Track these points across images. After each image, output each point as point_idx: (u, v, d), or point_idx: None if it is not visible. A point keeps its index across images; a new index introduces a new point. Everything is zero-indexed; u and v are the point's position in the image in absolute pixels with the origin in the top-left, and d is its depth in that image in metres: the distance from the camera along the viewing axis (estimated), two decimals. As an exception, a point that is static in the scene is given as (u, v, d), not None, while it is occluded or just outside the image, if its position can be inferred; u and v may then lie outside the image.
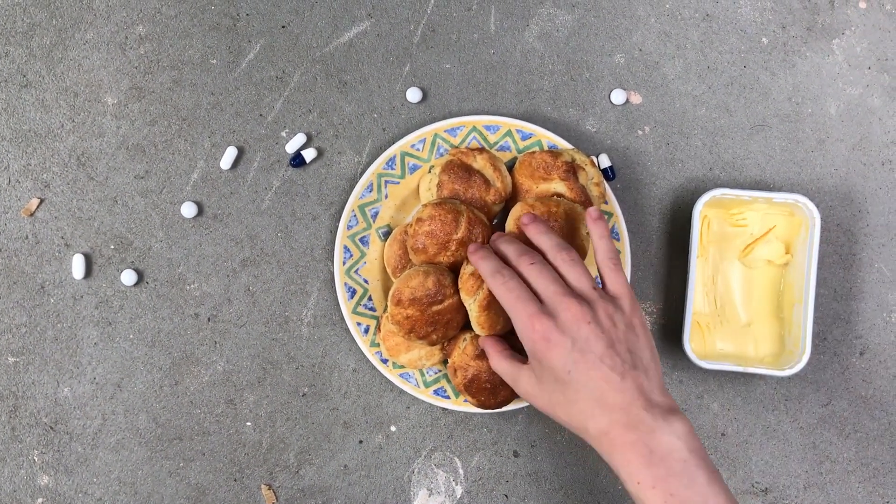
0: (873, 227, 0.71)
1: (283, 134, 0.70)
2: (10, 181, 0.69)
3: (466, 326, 0.66)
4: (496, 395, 0.64)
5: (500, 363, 0.58)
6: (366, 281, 0.68)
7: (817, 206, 0.69)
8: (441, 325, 0.62)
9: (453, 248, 0.62)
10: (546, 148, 0.68)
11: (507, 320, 0.61)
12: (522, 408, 0.69)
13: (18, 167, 0.70)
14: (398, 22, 0.71)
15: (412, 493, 0.69)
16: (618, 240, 0.68)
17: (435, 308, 0.61)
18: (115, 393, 0.69)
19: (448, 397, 0.67)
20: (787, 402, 0.70)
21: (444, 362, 0.67)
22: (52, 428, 0.69)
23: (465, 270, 0.60)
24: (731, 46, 0.71)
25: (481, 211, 0.65)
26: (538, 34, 0.71)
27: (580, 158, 0.66)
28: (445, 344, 0.65)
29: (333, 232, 0.70)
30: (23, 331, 0.69)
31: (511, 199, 0.67)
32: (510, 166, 0.68)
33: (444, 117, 0.71)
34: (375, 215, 0.68)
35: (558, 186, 0.64)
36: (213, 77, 0.70)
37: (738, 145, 0.71)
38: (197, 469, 0.69)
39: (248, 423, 0.69)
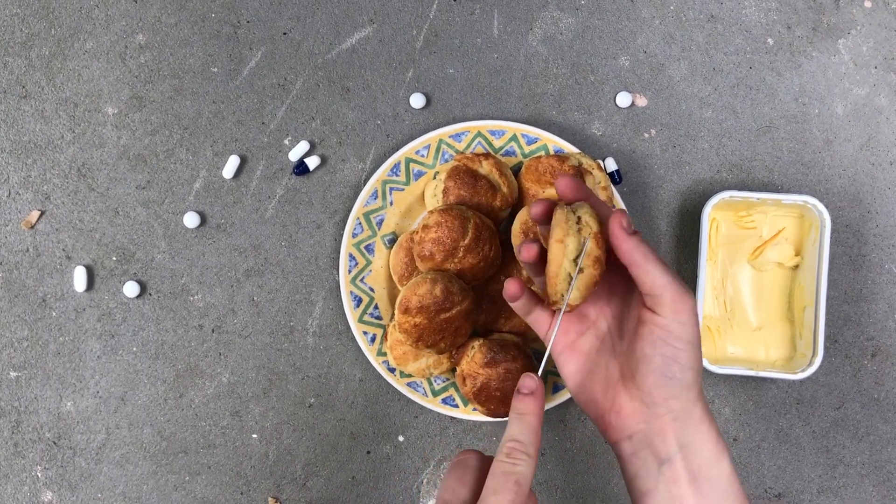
0: (883, 228, 0.70)
1: (286, 142, 0.70)
2: (10, 193, 0.69)
3: (475, 334, 0.65)
4: (506, 402, 0.63)
5: None
6: (372, 289, 0.67)
7: (826, 208, 0.68)
8: (449, 332, 0.61)
9: (460, 254, 0.61)
10: (552, 152, 0.67)
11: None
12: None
13: (18, 179, 0.69)
14: (400, 27, 0.70)
15: (422, 503, 0.69)
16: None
17: (443, 315, 0.60)
18: (119, 406, 0.68)
19: (457, 406, 0.67)
20: (799, 406, 0.69)
21: (453, 371, 0.67)
22: (55, 443, 0.68)
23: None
24: (737, 48, 0.71)
25: (488, 216, 0.64)
26: (542, 38, 0.71)
27: (587, 162, 0.65)
28: (454, 352, 0.65)
29: (338, 240, 0.69)
30: (24, 345, 0.68)
31: (518, 204, 0.67)
32: (516, 171, 0.68)
33: (449, 123, 0.70)
34: (380, 223, 0.67)
35: (565, 191, 0.64)
36: (215, 85, 0.70)
37: (745, 147, 0.70)
38: (203, 482, 0.68)
39: (255, 436, 0.68)
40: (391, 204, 0.67)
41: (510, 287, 0.51)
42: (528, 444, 0.44)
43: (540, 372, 0.47)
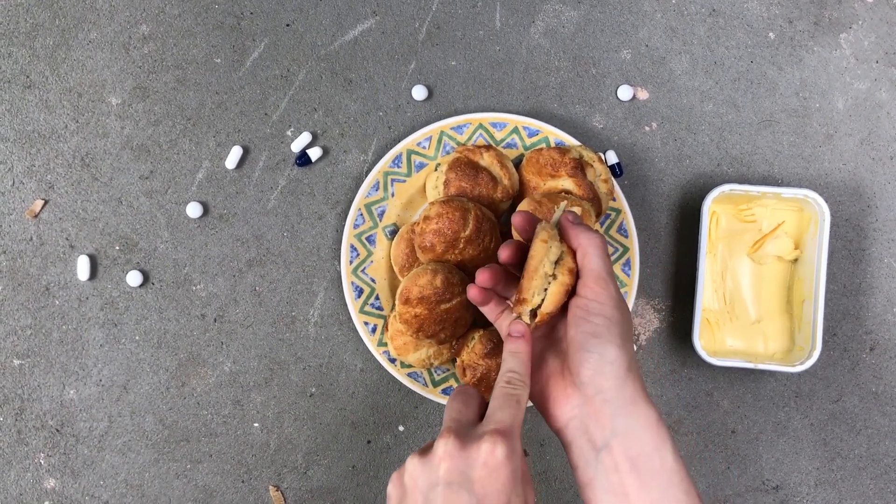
0: (882, 222, 0.70)
1: (289, 133, 0.70)
2: (13, 183, 0.69)
3: (475, 325, 0.65)
4: (505, 393, 0.63)
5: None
6: (373, 280, 0.68)
7: (826, 202, 0.69)
8: (450, 323, 0.62)
9: (461, 245, 0.61)
10: (553, 145, 0.68)
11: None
12: (531, 407, 0.69)
13: (22, 168, 0.69)
14: (403, 19, 0.71)
15: (421, 493, 0.69)
16: (626, 237, 0.67)
17: (443, 306, 0.61)
18: (122, 395, 0.69)
19: (457, 396, 0.67)
20: (797, 399, 0.70)
21: (453, 361, 0.67)
22: (58, 430, 0.68)
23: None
24: (738, 41, 0.71)
25: (489, 208, 0.65)
26: (544, 30, 0.71)
27: (588, 155, 0.65)
28: (454, 343, 0.65)
29: (340, 231, 0.70)
30: (28, 333, 0.69)
31: (518, 196, 0.67)
32: (517, 163, 0.68)
33: (450, 115, 0.70)
34: (382, 214, 0.68)
35: (566, 183, 0.64)
36: (218, 76, 0.70)
37: (745, 141, 0.71)
38: (204, 471, 0.69)
39: (256, 424, 0.69)
40: (392, 195, 0.68)
41: (472, 292, 0.53)
42: (523, 373, 0.48)
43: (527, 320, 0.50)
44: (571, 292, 0.49)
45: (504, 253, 0.52)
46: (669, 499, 0.45)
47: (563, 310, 0.51)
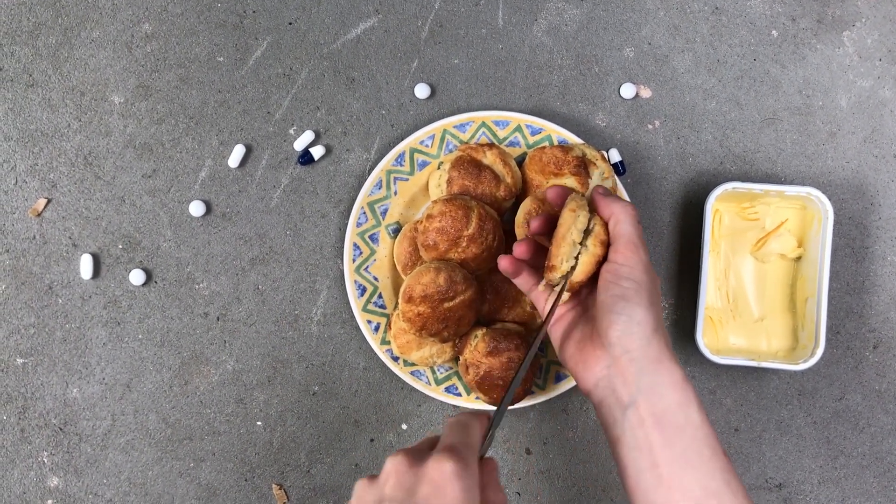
0: (886, 220, 0.70)
1: (291, 131, 0.70)
2: (16, 181, 0.69)
3: (478, 323, 0.65)
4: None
5: None
6: (376, 278, 0.68)
7: (829, 199, 0.69)
8: (453, 321, 0.62)
9: (464, 244, 0.61)
10: (556, 143, 0.68)
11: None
12: (534, 405, 0.69)
13: (25, 167, 0.69)
14: (406, 17, 0.70)
15: (424, 491, 0.69)
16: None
17: (446, 304, 0.61)
18: (125, 393, 0.69)
19: (459, 395, 0.67)
20: (800, 397, 0.70)
21: (456, 360, 0.67)
22: (61, 429, 0.69)
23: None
24: (741, 39, 0.71)
25: (491, 207, 0.65)
26: (546, 28, 0.71)
27: (591, 153, 0.65)
28: (457, 341, 0.65)
29: (342, 229, 0.70)
30: (31, 332, 0.69)
31: (521, 194, 0.67)
32: (520, 162, 0.68)
33: (453, 113, 0.70)
34: (385, 212, 0.68)
35: (569, 182, 0.64)
36: (221, 75, 0.70)
37: (748, 139, 0.70)
38: (207, 469, 0.69)
39: (259, 423, 0.69)
40: (395, 194, 0.68)
41: (503, 262, 0.56)
42: (468, 421, 0.48)
43: (535, 347, 0.53)
44: (602, 262, 0.51)
45: (535, 223, 0.54)
46: (693, 454, 0.46)
47: (594, 279, 0.52)
